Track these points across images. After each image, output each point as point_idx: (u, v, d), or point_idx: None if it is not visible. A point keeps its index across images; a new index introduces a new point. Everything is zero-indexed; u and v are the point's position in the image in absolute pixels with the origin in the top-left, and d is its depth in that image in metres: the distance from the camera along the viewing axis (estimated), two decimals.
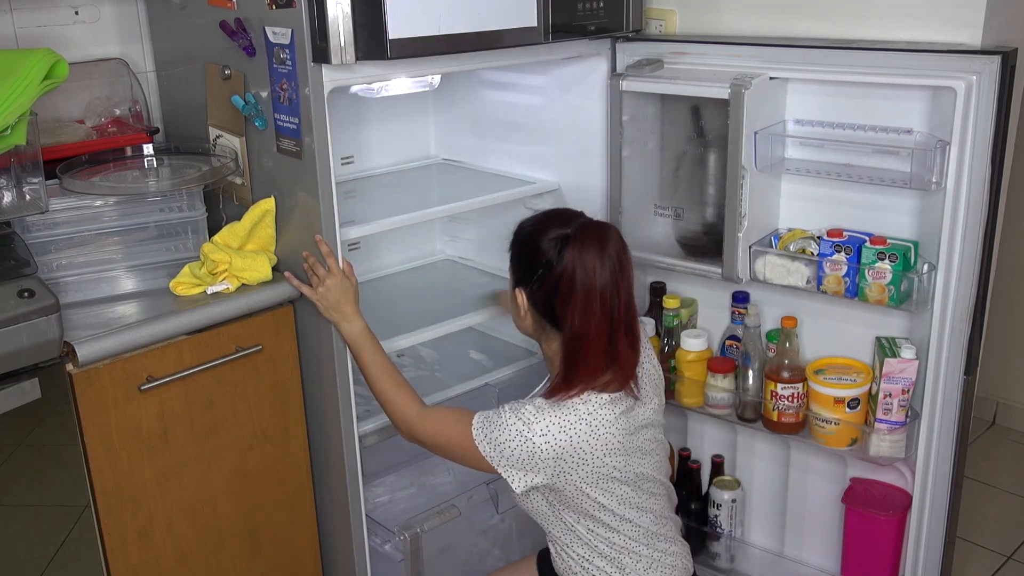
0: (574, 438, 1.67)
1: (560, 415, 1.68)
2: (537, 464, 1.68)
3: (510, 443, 1.68)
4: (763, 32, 2.14)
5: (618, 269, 1.68)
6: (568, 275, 1.67)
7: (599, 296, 1.66)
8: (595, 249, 1.67)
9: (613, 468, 1.71)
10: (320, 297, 1.89)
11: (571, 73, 2.30)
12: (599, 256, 1.66)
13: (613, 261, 1.67)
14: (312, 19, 1.73)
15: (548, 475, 1.69)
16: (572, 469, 1.69)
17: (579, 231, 1.69)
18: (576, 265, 1.66)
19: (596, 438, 1.68)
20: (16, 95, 1.68)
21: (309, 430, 2.10)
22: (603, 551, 1.78)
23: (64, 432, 1.76)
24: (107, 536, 1.83)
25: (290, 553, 2.14)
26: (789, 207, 2.18)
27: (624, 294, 1.70)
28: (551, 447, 1.66)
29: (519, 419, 1.68)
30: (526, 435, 1.67)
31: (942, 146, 1.85)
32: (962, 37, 1.90)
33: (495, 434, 1.70)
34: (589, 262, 1.66)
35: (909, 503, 2.12)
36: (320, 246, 1.89)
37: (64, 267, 1.92)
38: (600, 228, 1.71)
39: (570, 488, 1.71)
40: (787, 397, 2.12)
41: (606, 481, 1.72)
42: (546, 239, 1.71)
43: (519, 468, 1.69)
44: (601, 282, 1.66)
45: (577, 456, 1.68)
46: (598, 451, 1.69)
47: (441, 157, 2.71)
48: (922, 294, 1.96)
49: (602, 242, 1.68)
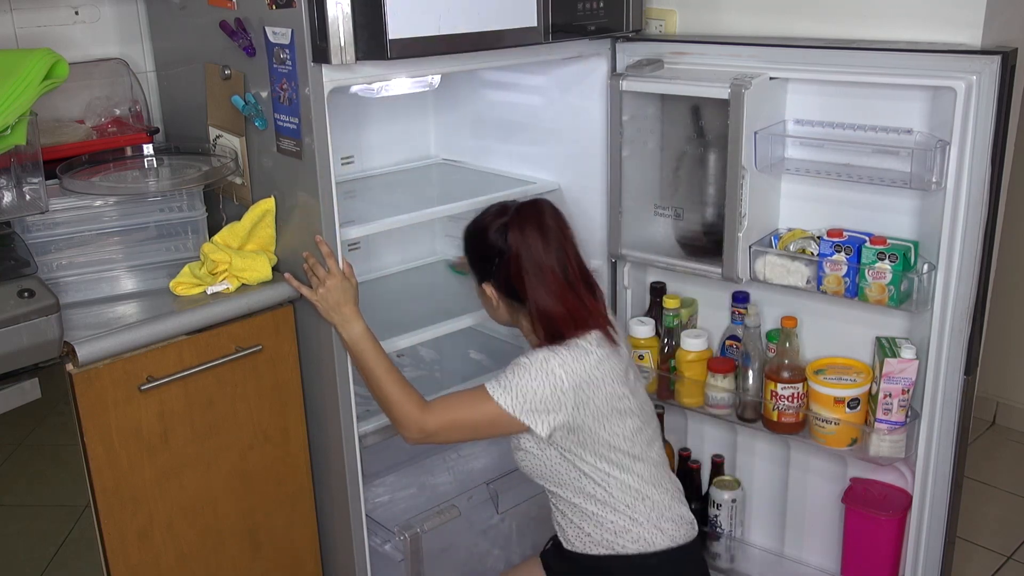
0: (587, 367, 1.79)
1: (570, 351, 1.80)
2: (560, 398, 1.77)
3: (533, 384, 1.77)
4: (763, 32, 2.14)
5: (561, 236, 1.84)
6: (516, 256, 1.82)
7: (549, 267, 1.82)
8: (534, 226, 1.83)
9: (622, 396, 1.83)
10: (320, 298, 1.89)
11: (571, 73, 2.30)
12: (539, 231, 1.82)
13: (553, 231, 1.83)
14: (312, 19, 1.73)
15: (570, 409, 1.78)
16: (590, 398, 1.79)
17: (515, 215, 1.85)
18: (520, 245, 1.82)
19: (603, 365, 1.81)
20: (16, 95, 1.68)
21: (309, 430, 2.10)
22: (615, 503, 1.83)
23: (64, 432, 1.76)
24: (107, 536, 1.83)
25: (290, 553, 2.14)
26: (789, 207, 2.18)
27: (572, 255, 1.85)
28: (571, 376, 1.77)
29: (535, 362, 1.78)
30: (546, 370, 1.77)
31: (942, 146, 1.85)
32: (962, 37, 1.90)
33: (516, 382, 1.78)
34: (532, 239, 1.82)
35: (909, 503, 2.12)
36: (320, 247, 1.89)
37: (64, 267, 1.92)
38: (533, 206, 1.87)
39: (588, 421, 1.79)
40: (787, 397, 2.12)
41: (619, 415, 1.82)
42: (490, 232, 1.86)
43: (543, 410, 1.77)
44: (547, 253, 1.82)
45: (592, 383, 1.79)
46: (607, 377, 1.81)
47: (441, 157, 2.71)
48: (922, 294, 1.96)
49: (538, 217, 1.84)
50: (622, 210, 2.27)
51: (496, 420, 1.78)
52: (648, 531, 1.84)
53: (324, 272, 1.89)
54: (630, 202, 2.28)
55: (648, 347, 2.32)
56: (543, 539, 2.07)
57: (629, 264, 2.37)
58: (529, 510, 2.32)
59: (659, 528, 1.85)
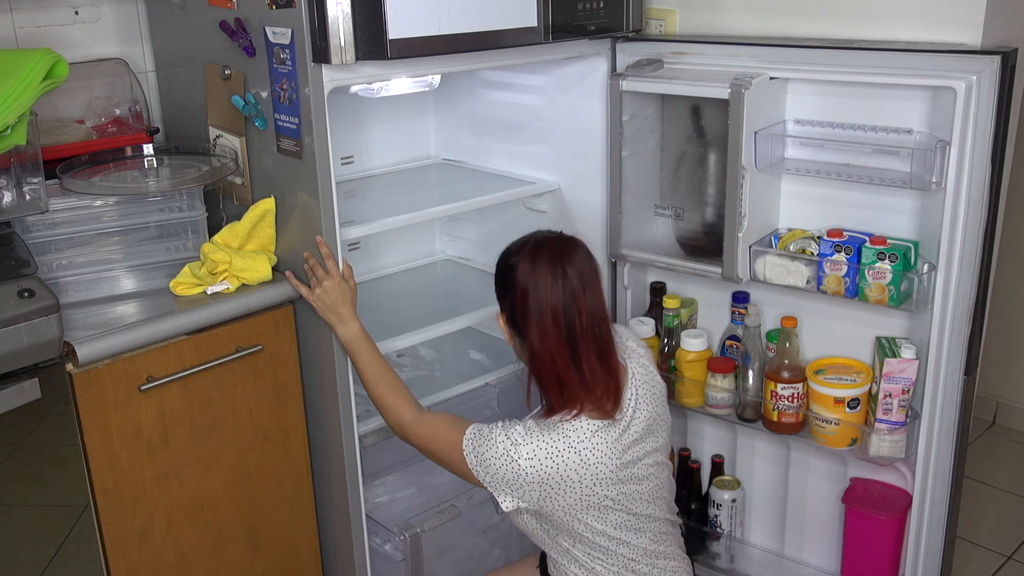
0: (561, 465, 1.64)
1: (548, 440, 1.65)
2: (522, 487, 1.66)
3: (496, 461, 1.67)
4: (763, 32, 2.14)
5: (579, 284, 1.64)
6: (522, 291, 1.65)
7: (551, 313, 1.63)
8: (546, 265, 1.64)
9: (604, 497, 1.68)
10: (317, 298, 1.89)
11: (571, 73, 2.30)
12: (551, 269, 1.64)
13: (571, 275, 1.64)
14: (312, 19, 1.73)
15: (534, 500, 1.67)
16: (559, 496, 1.66)
17: (533, 248, 1.67)
18: (528, 280, 1.65)
19: (585, 468, 1.65)
20: (16, 95, 1.68)
21: (309, 430, 2.10)
22: (600, 572, 1.77)
23: (64, 432, 1.76)
24: (107, 536, 1.83)
25: (290, 553, 2.14)
26: (789, 207, 2.18)
27: (586, 309, 1.65)
28: (536, 472, 1.64)
29: (508, 439, 1.67)
30: (512, 456, 1.65)
31: (942, 146, 1.85)
32: (962, 37, 1.90)
33: (483, 450, 1.69)
34: (540, 277, 1.63)
35: (909, 503, 2.12)
36: (320, 247, 1.89)
37: (64, 267, 1.92)
38: (557, 242, 1.68)
39: (559, 513, 1.69)
40: (787, 397, 2.12)
41: (597, 509, 1.70)
42: (511, 259, 1.70)
43: (505, 488, 1.68)
44: (553, 296, 1.63)
45: (564, 484, 1.65)
46: (587, 481, 1.65)
47: (441, 157, 2.71)
48: (922, 294, 1.96)
49: (555, 258, 1.65)
50: (622, 210, 2.27)
51: (464, 474, 1.73)
52: None
53: (323, 273, 1.89)
54: (630, 202, 2.28)
55: (648, 347, 2.32)
56: None
57: (629, 264, 2.37)
58: None
59: None
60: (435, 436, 1.79)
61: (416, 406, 1.85)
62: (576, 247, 1.69)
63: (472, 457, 1.70)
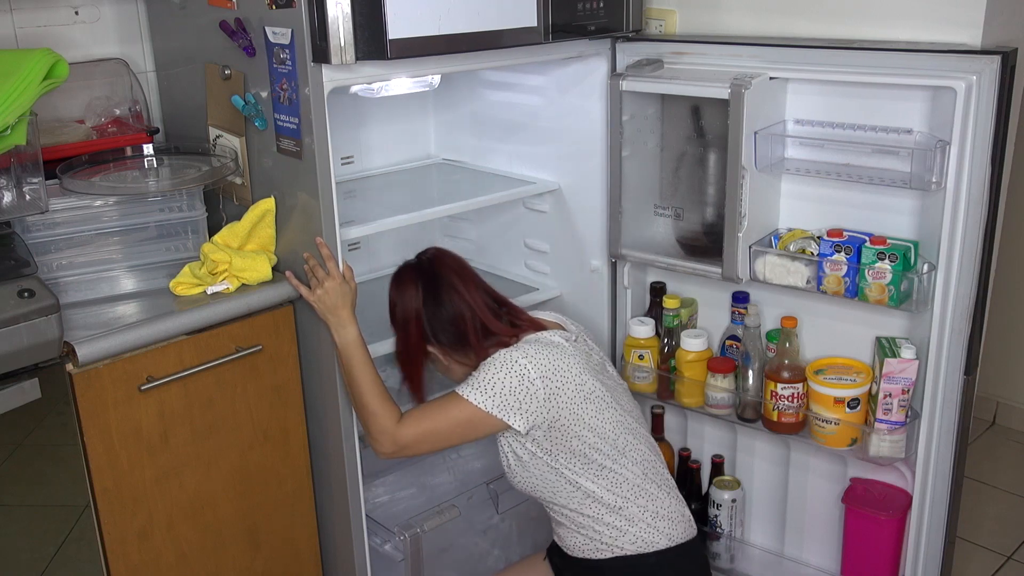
0: (549, 356, 1.80)
1: (526, 346, 1.82)
2: (528, 389, 1.77)
3: (499, 378, 1.77)
4: (763, 32, 2.14)
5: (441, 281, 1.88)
6: (420, 307, 1.89)
7: (414, 316, 1.88)
8: (406, 284, 1.90)
9: (592, 386, 1.83)
10: (318, 299, 1.89)
11: (571, 73, 2.30)
12: (413, 286, 1.89)
13: (426, 278, 1.89)
14: (312, 19, 1.73)
15: (541, 400, 1.77)
16: (560, 389, 1.79)
17: (392, 285, 1.94)
18: (396, 299, 1.91)
19: (566, 356, 1.82)
20: (16, 95, 1.68)
21: (309, 430, 2.10)
22: (609, 501, 1.82)
23: (64, 432, 1.76)
24: (107, 536, 1.83)
25: (290, 553, 2.14)
26: (789, 207, 2.18)
27: (465, 289, 1.88)
28: (535, 366, 1.78)
29: (499, 358, 1.80)
30: (509, 363, 1.78)
31: (942, 146, 1.85)
32: (962, 37, 1.90)
33: (485, 379, 1.78)
34: (404, 290, 1.90)
35: (909, 503, 2.12)
36: (321, 248, 1.89)
37: (64, 267, 1.92)
38: (397, 274, 1.94)
39: (564, 415, 1.78)
40: (787, 397, 2.12)
41: (592, 401, 1.82)
42: (397, 308, 1.94)
43: (516, 405, 1.77)
44: (416, 303, 1.88)
45: (559, 373, 1.79)
46: (574, 368, 1.81)
47: (441, 157, 2.71)
48: (922, 294, 1.96)
49: (401, 271, 1.93)
50: (622, 210, 2.27)
51: (472, 421, 1.78)
52: (644, 531, 1.85)
53: (324, 274, 1.89)
54: (630, 202, 2.28)
55: (648, 347, 2.32)
56: (543, 539, 2.08)
57: (629, 264, 2.37)
58: (529, 510, 2.32)
59: (654, 527, 1.85)
60: (433, 418, 1.83)
61: (399, 416, 1.87)
62: (437, 252, 1.94)
63: (479, 395, 1.78)
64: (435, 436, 1.84)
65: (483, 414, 1.77)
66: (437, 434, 1.83)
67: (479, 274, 1.96)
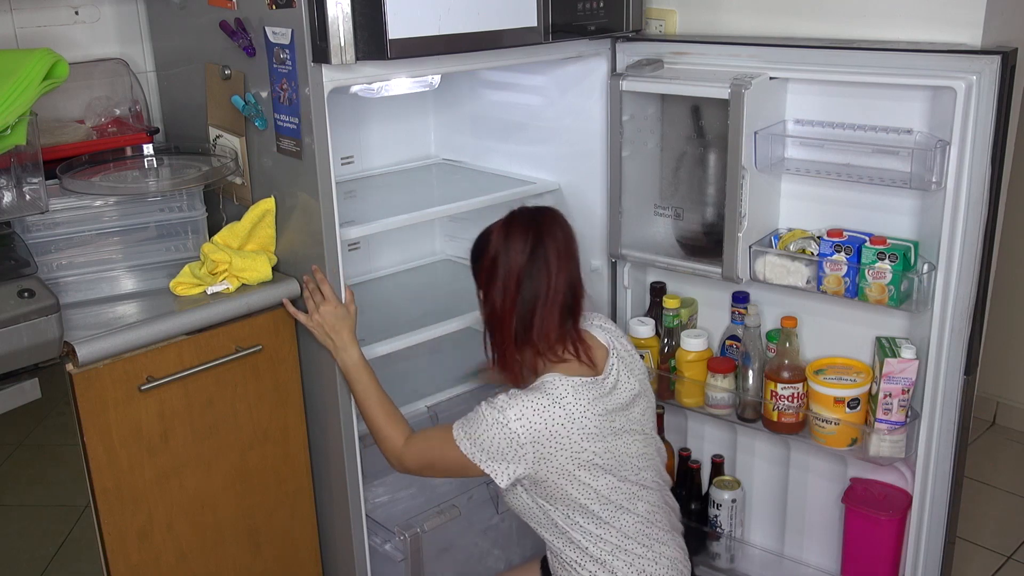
0: (549, 420, 1.69)
1: (533, 399, 1.70)
2: (517, 451, 1.69)
3: (488, 433, 1.70)
4: (763, 32, 2.14)
5: (549, 252, 1.73)
6: (492, 258, 1.76)
7: (517, 276, 1.72)
8: (520, 231, 1.74)
9: (593, 454, 1.72)
10: (316, 324, 1.90)
11: (571, 73, 2.30)
12: (523, 237, 1.74)
13: (543, 242, 1.73)
14: (312, 19, 1.73)
15: (529, 462, 1.70)
16: (552, 454, 1.70)
17: (507, 218, 1.78)
18: (500, 247, 1.75)
19: (572, 421, 1.70)
20: (16, 95, 1.68)
21: (309, 430, 2.10)
22: (594, 553, 1.77)
23: (64, 432, 1.76)
24: (107, 536, 1.83)
25: (290, 553, 2.14)
26: (789, 207, 2.18)
27: (555, 272, 1.74)
28: (527, 430, 1.68)
29: (493, 408, 1.71)
30: (502, 422, 1.69)
31: (942, 146, 1.85)
32: (962, 37, 1.90)
33: (473, 429, 1.72)
34: (513, 244, 1.73)
35: (909, 503, 2.12)
36: (315, 274, 1.89)
37: (64, 267, 1.92)
38: (532, 212, 1.78)
39: (553, 476, 1.72)
40: (787, 397, 2.12)
41: (588, 468, 1.73)
42: (486, 235, 1.81)
43: (501, 460, 1.71)
44: (520, 262, 1.72)
45: (555, 439, 1.69)
46: (575, 435, 1.70)
47: (441, 157, 2.71)
48: (922, 294, 1.96)
49: (530, 224, 1.75)
50: (622, 210, 2.27)
51: (463, 465, 1.75)
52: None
53: (321, 298, 1.89)
54: (630, 202, 2.28)
55: (648, 347, 2.32)
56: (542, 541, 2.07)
57: (629, 264, 2.37)
58: None
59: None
60: (429, 445, 1.81)
61: (409, 432, 1.86)
62: (547, 215, 1.78)
63: (466, 443, 1.73)
64: (435, 469, 1.84)
65: (471, 464, 1.73)
66: (435, 468, 1.83)
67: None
